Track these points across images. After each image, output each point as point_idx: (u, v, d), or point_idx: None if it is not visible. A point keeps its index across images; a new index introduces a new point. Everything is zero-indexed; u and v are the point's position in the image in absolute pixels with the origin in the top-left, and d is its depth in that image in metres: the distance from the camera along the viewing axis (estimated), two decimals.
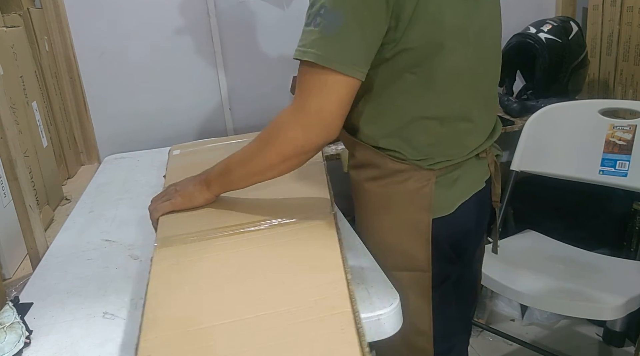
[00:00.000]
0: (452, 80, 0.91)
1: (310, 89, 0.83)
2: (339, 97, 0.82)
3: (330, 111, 0.83)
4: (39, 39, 1.48)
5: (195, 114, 1.92)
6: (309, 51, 0.81)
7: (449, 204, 0.97)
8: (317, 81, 0.82)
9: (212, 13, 1.81)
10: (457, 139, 0.96)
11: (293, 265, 0.79)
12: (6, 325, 0.79)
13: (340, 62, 0.80)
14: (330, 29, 0.79)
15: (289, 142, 0.86)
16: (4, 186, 1.06)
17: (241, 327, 0.67)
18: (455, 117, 0.94)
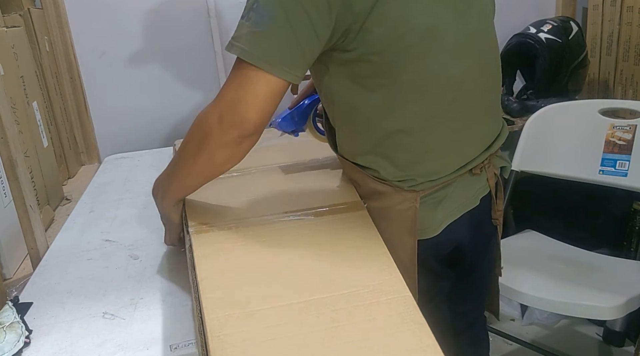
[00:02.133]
0: (428, 88, 0.85)
1: (232, 81, 0.81)
2: (258, 93, 0.79)
3: (247, 104, 0.79)
4: (40, 39, 1.48)
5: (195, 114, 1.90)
6: (236, 45, 0.79)
7: (434, 225, 0.93)
8: (240, 74, 0.80)
9: (212, 13, 1.81)
10: (440, 156, 0.90)
11: (338, 252, 0.79)
12: (6, 324, 0.80)
13: (264, 61, 0.77)
14: (260, 25, 0.77)
15: (205, 132, 0.82)
16: (5, 186, 1.06)
17: (305, 309, 0.67)
18: (435, 131, 0.88)
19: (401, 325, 0.64)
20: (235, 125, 0.80)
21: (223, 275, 0.75)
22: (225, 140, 0.81)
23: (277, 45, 0.77)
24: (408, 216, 0.90)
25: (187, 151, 0.87)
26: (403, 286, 0.71)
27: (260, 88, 0.78)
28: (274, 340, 0.63)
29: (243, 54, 0.78)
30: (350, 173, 0.96)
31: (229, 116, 0.80)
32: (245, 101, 0.79)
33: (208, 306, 0.68)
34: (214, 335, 0.64)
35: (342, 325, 0.65)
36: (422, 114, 0.86)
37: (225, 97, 0.81)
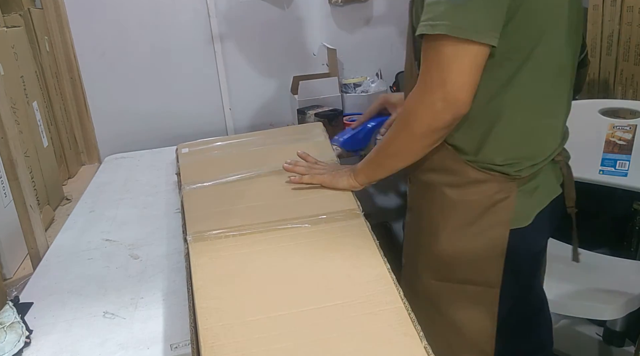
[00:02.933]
0: (547, 69, 0.87)
1: (437, 64, 0.78)
2: (464, 69, 0.77)
3: (454, 84, 0.78)
4: (40, 39, 1.48)
5: (195, 114, 1.91)
6: (439, 24, 0.76)
7: (527, 214, 0.93)
8: (442, 54, 0.77)
9: (212, 13, 1.81)
10: (542, 139, 0.92)
11: (333, 261, 0.80)
12: (6, 324, 0.80)
13: (474, 31, 0.75)
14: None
15: (418, 124, 0.84)
16: (5, 186, 1.06)
17: (299, 319, 0.68)
18: (543, 112, 0.90)
19: (392, 336, 0.65)
20: (448, 109, 0.79)
21: (218, 284, 0.76)
22: (438, 125, 0.82)
23: (481, 13, 0.76)
24: (506, 205, 0.91)
25: (399, 146, 0.90)
26: (396, 297, 0.71)
27: (466, 63, 0.77)
28: (266, 350, 0.63)
29: (452, 30, 0.75)
30: (445, 162, 0.94)
31: (440, 102, 0.79)
32: (453, 82, 0.78)
33: (202, 316, 0.69)
34: (207, 344, 0.64)
35: (334, 336, 0.65)
36: (536, 92, 0.87)
37: (431, 83, 0.80)
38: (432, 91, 0.79)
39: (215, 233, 0.88)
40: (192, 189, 1.07)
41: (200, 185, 1.08)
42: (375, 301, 0.70)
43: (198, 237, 0.88)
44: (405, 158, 0.91)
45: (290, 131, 1.47)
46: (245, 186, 1.05)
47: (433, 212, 0.97)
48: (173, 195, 1.27)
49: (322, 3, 1.90)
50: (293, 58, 1.94)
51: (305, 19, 1.90)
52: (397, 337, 0.64)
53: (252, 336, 0.65)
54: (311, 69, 1.96)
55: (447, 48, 0.76)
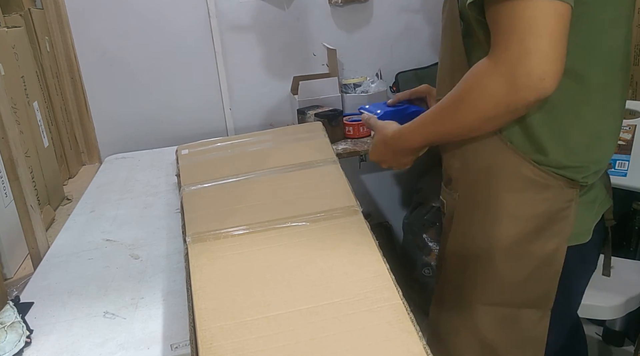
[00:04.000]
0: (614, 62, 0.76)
1: (513, 30, 0.64)
2: (553, 34, 0.63)
3: (542, 53, 0.63)
4: (40, 39, 1.49)
5: (195, 114, 1.92)
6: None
7: (587, 229, 0.83)
8: (521, 17, 0.63)
9: (213, 13, 1.81)
10: (608, 141, 0.82)
11: (332, 259, 0.80)
12: (7, 324, 0.80)
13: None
14: None
15: (489, 100, 0.69)
16: (5, 186, 1.07)
17: (297, 318, 0.68)
18: (611, 111, 0.79)
19: (390, 333, 0.65)
20: (534, 87, 0.64)
21: (217, 285, 0.76)
22: (516, 106, 0.68)
23: None
24: (566, 216, 0.79)
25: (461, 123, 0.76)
26: (394, 294, 0.71)
27: (555, 25, 0.63)
28: (265, 350, 0.63)
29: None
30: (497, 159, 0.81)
31: (524, 77, 0.64)
32: (540, 50, 0.63)
33: (201, 317, 0.69)
34: (205, 346, 0.64)
35: (332, 334, 0.65)
36: (603, 85, 0.76)
37: (512, 52, 0.64)
38: (511, 63, 0.65)
39: (214, 233, 0.89)
40: (192, 191, 1.08)
41: (200, 186, 1.09)
42: (373, 298, 0.70)
43: (197, 238, 0.88)
44: (467, 136, 0.80)
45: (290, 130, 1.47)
46: (244, 187, 1.05)
47: (486, 223, 0.84)
48: (173, 195, 1.27)
49: (322, 3, 1.90)
50: (293, 58, 1.94)
51: (305, 19, 1.91)
52: (395, 334, 0.64)
53: (250, 336, 0.66)
54: (311, 69, 1.97)
55: (528, 9, 0.63)
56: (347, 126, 1.79)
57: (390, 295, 0.71)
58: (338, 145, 1.69)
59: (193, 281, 0.76)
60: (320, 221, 0.90)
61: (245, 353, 0.63)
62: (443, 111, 0.78)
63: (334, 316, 0.68)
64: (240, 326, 0.67)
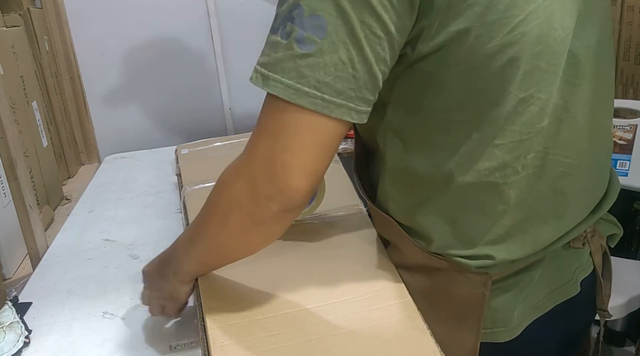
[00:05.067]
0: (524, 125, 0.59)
1: (265, 131, 0.57)
2: (305, 147, 0.54)
3: (289, 165, 0.54)
4: (39, 38, 1.48)
5: (195, 114, 1.91)
6: (271, 77, 0.54)
7: (512, 324, 0.66)
8: (277, 120, 0.55)
9: (213, 13, 1.81)
10: (530, 223, 0.64)
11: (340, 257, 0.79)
12: (5, 324, 0.79)
13: (320, 97, 0.52)
14: (307, 43, 0.51)
15: (232, 205, 0.59)
16: (4, 186, 1.06)
17: (306, 316, 0.67)
18: (525, 186, 0.62)
19: (402, 331, 0.64)
20: (275, 196, 0.55)
21: (225, 284, 0.76)
22: (261, 217, 0.58)
23: (338, 70, 0.51)
24: (471, 307, 0.65)
25: (208, 225, 0.65)
26: (403, 291, 0.70)
27: (310, 139, 0.53)
28: (276, 348, 0.63)
29: (285, 91, 0.53)
30: (390, 235, 0.73)
31: (265, 184, 0.55)
32: (286, 162, 0.54)
33: (210, 316, 0.69)
34: (216, 344, 0.64)
35: (342, 332, 0.65)
36: (510, 162, 0.60)
37: (256, 156, 0.56)
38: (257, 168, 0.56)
39: None
40: (194, 190, 1.07)
41: (201, 186, 1.08)
42: (383, 296, 0.70)
43: None
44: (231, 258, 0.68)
45: None
46: None
47: None
48: (173, 195, 1.27)
49: None
50: None
51: None
52: (407, 331, 0.64)
53: (260, 334, 0.65)
54: None
55: (287, 114, 0.55)
56: None
57: (399, 293, 0.70)
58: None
59: (200, 280, 0.76)
60: (326, 219, 0.90)
61: (256, 351, 0.63)
62: (198, 226, 0.68)
63: (345, 315, 0.67)
64: (251, 324, 0.67)
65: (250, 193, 0.57)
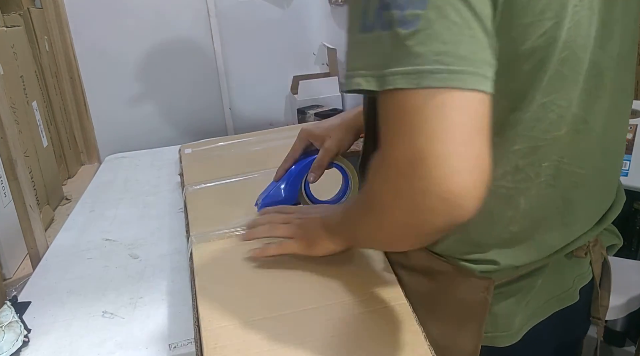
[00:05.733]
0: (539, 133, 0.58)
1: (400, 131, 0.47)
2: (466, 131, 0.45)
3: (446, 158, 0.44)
4: (39, 38, 1.48)
5: (195, 114, 1.92)
6: (386, 73, 0.46)
7: (513, 329, 0.66)
8: (410, 114, 0.46)
9: (212, 13, 1.81)
10: (537, 230, 0.63)
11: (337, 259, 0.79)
12: (4, 324, 0.79)
13: (443, 71, 0.45)
14: (410, 22, 0.45)
15: (391, 219, 0.52)
16: (4, 186, 1.06)
17: (302, 319, 0.67)
18: (535, 193, 0.61)
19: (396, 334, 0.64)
20: (437, 208, 0.46)
21: (221, 285, 0.76)
22: (426, 231, 0.50)
23: (454, 34, 0.45)
24: (473, 311, 0.65)
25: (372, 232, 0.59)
26: (399, 294, 0.70)
27: (454, 119, 0.45)
28: (270, 351, 0.63)
29: (406, 80, 0.45)
30: None
31: (421, 196, 0.46)
32: (438, 153, 0.44)
33: (205, 317, 0.69)
34: (210, 346, 0.64)
35: (337, 334, 0.65)
36: (524, 168, 0.59)
37: (398, 159, 0.47)
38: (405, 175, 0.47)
39: (219, 233, 0.88)
40: (195, 190, 1.07)
41: (203, 185, 1.08)
42: (378, 298, 0.70)
43: (201, 237, 0.88)
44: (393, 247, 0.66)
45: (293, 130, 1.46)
46: (248, 186, 1.05)
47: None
48: (173, 195, 1.27)
49: (322, 3, 1.90)
50: (293, 58, 1.94)
51: (305, 19, 1.90)
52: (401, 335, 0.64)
53: (255, 336, 0.65)
54: (311, 69, 1.96)
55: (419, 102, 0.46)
56: None
57: (395, 295, 0.70)
58: None
59: (197, 281, 0.76)
60: None
61: (250, 353, 0.63)
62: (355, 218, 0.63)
63: (340, 317, 0.67)
64: (245, 326, 0.67)
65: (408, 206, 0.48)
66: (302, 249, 0.74)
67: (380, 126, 0.49)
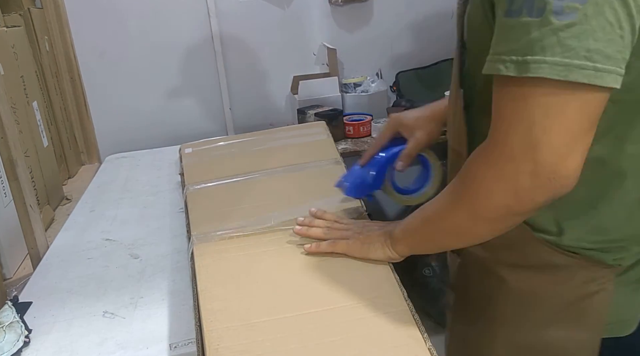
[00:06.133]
0: None
1: (524, 119, 0.51)
2: (570, 126, 0.50)
3: (554, 149, 0.51)
4: (40, 38, 1.48)
5: (195, 114, 1.92)
6: (530, 60, 0.49)
7: (630, 317, 0.67)
8: (540, 104, 0.50)
9: (213, 13, 1.81)
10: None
11: (338, 262, 0.79)
12: (5, 324, 0.79)
13: (589, 68, 0.48)
14: (566, 13, 0.47)
15: (491, 205, 0.57)
16: (5, 186, 1.06)
17: (303, 322, 0.68)
18: None
19: (397, 339, 0.64)
20: (542, 187, 0.52)
21: (223, 286, 0.76)
22: (523, 209, 0.56)
23: (607, 33, 0.48)
24: (597, 302, 0.64)
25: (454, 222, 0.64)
26: (401, 299, 0.70)
27: (576, 114, 0.50)
28: (271, 353, 0.63)
29: (552, 70, 0.48)
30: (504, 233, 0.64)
31: (529, 177, 0.52)
32: (551, 146, 0.50)
33: (207, 318, 0.69)
34: (212, 346, 0.64)
35: (338, 339, 0.65)
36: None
37: (512, 147, 0.52)
38: (514, 159, 0.52)
39: (220, 233, 0.88)
40: (196, 190, 1.07)
41: (204, 185, 1.08)
42: (380, 303, 0.70)
43: (202, 238, 0.88)
44: (466, 240, 0.67)
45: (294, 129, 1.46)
46: (249, 186, 1.05)
47: (483, 302, 0.72)
48: (173, 195, 1.27)
49: (322, 3, 1.90)
50: (293, 58, 1.94)
51: (305, 19, 1.90)
52: (402, 340, 0.64)
53: (257, 338, 0.65)
54: (311, 69, 1.96)
55: (545, 97, 0.50)
56: (348, 126, 1.79)
57: (396, 301, 0.70)
58: (338, 145, 1.69)
59: (199, 281, 0.76)
60: None
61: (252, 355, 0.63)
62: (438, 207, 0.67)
63: (342, 321, 0.67)
64: (247, 328, 0.67)
65: (512, 190, 0.54)
66: (356, 249, 0.77)
67: (496, 113, 0.54)
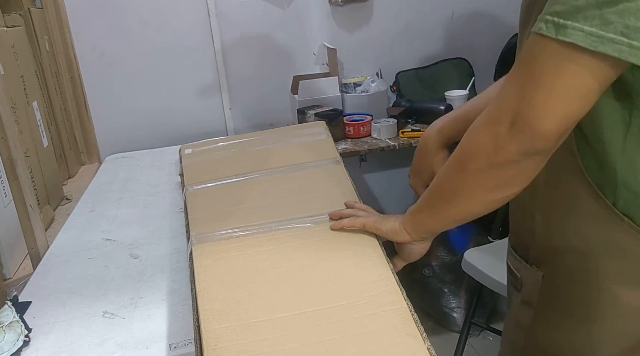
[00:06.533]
0: None
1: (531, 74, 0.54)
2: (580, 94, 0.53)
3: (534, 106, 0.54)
4: (40, 38, 1.49)
5: (195, 114, 1.92)
6: (569, 25, 0.50)
7: None
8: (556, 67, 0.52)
9: (213, 13, 1.81)
10: None
11: (337, 261, 0.79)
12: (5, 323, 0.79)
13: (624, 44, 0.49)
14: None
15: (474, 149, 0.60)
16: (5, 186, 1.06)
17: (302, 321, 0.68)
18: None
19: (395, 337, 0.64)
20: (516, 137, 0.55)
21: (221, 286, 0.76)
22: (497, 158, 0.58)
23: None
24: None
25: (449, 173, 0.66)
26: (399, 298, 0.70)
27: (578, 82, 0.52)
28: (270, 352, 0.63)
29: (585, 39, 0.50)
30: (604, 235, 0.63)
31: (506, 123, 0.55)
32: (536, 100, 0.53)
33: (205, 318, 0.69)
34: (210, 346, 0.64)
35: (337, 337, 0.65)
36: None
37: (506, 95, 0.56)
38: (503, 109, 0.56)
39: (219, 234, 0.88)
40: (196, 190, 1.08)
41: (203, 186, 1.08)
42: (378, 301, 0.70)
43: (201, 238, 0.88)
44: (464, 205, 0.66)
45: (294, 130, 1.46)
46: (248, 187, 1.05)
47: (586, 324, 0.66)
48: (173, 195, 1.27)
49: (322, 3, 1.90)
50: (293, 58, 1.94)
51: (305, 19, 1.91)
52: (400, 338, 0.64)
53: (255, 338, 0.65)
54: (311, 69, 1.97)
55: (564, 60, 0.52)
56: (347, 126, 1.79)
57: (395, 299, 0.70)
58: (338, 145, 1.69)
59: (197, 282, 0.76)
60: (325, 222, 0.90)
61: (250, 355, 0.63)
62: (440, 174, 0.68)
63: (340, 320, 0.67)
64: (246, 327, 0.67)
65: (491, 133, 0.57)
66: (371, 223, 0.81)
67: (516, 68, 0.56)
